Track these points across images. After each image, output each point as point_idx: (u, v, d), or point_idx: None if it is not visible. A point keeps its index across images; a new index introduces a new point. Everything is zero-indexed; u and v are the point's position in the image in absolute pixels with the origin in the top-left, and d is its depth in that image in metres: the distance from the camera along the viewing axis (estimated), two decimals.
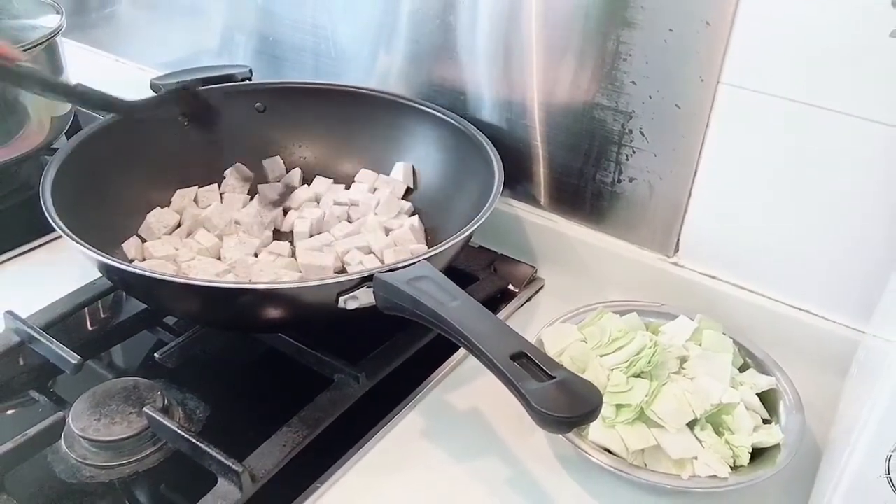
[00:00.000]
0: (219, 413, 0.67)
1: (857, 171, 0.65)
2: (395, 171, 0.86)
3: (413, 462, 0.64)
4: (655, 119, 0.73)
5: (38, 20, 0.92)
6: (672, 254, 0.78)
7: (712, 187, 0.73)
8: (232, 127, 0.85)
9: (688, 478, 0.57)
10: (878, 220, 0.65)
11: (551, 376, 0.46)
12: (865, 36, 0.60)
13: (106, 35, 1.18)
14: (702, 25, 0.67)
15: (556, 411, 0.44)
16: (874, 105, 0.62)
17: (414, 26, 0.84)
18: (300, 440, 0.61)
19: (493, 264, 0.84)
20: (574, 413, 0.45)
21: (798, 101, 0.65)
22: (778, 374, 0.66)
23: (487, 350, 0.48)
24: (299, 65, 0.97)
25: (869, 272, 0.67)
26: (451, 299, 0.53)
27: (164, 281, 0.59)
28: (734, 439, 0.59)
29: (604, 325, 0.67)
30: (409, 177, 0.85)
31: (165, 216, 0.80)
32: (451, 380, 0.72)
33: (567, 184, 0.81)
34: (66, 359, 0.66)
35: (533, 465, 0.64)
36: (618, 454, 0.59)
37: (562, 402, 0.45)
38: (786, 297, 0.73)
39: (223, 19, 1.03)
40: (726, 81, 0.68)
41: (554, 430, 0.55)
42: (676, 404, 0.59)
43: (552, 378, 0.46)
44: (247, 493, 0.57)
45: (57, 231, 0.85)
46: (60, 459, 0.62)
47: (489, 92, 0.82)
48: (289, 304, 0.62)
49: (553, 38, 0.75)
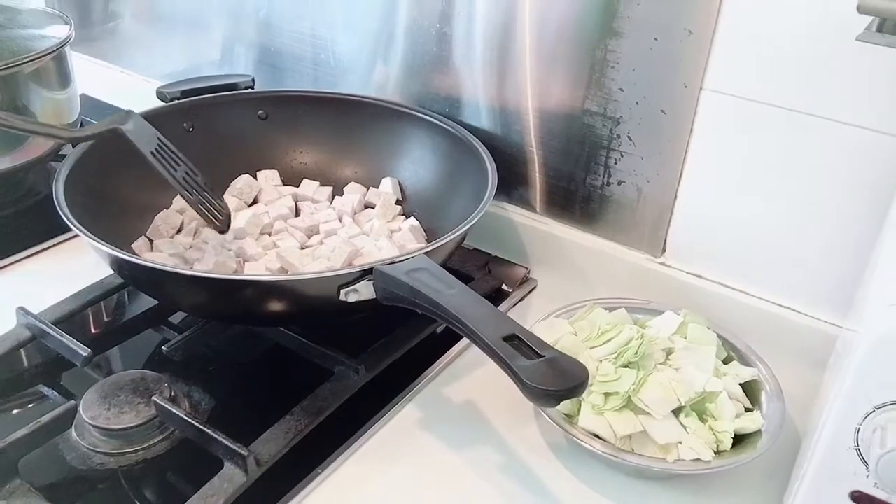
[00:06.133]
0: (223, 405, 0.69)
1: (833, 174, 0.68)
2: (384, 185, 0.89)
3: (410, 450, 0.66)
4: (642, 124, 0.76)
5: (48, 30, 0.95)
6: (660, 254, 0.81)
7: (697, 189, 0.77)
8: (234, 133, 0.89)
9: (673, 461, 0.60)
10: (853, 220, 0.69)
11: (541, 355, 0.49)
12: (838, 42, 0.63)
13: (111, 48, 1.21)
14: (685, 34, 0.70)
15: (545, 385, 0.47)
16: (849, 109, 0.65)
17: (411, 37, 0.88)
18: (302, 427, 0.63)
19: (488, 265, 0.87)
20: (561, 387, 0.48)
21: (777, 105, 0.69)
22: (760, 366, 0.68)
23: (482, 333, 0.51)
24: (299, 75, 1.00)
25: (846, 270, 0.70)
26: (447, 288, 0.56)
27: (172, 273, 0.62)
28: (717, 425, 0.62)
29: (594, 320, 0.70)
30: (397, 189, 0.89)
31: (171, 217, 0.83)
32: (446, 374, 0.74)
33: (559, 188, 0.85)
34: (76, 351, 0.69)
35: (525, 453, 0.66)
36: (606, 440, 0.62)
37: (550, 378, 0.48)
38: (768, 295, 0.76)
39: (225, 31, 1.06)
40: (709, 87, 0.71)
41: (543, 404, 0.59)
42: (662, 392, 0.62)
43: (542, 357, 0.49)
44: (252, 477, 0.59)
45: (63, 235, 0.90)
46: (71, 447, 0.64)
47: (485, 99, 0.85)
48: (292, 297, 0.65)
49: (546, 48, 0.79)
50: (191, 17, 1.09)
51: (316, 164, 0.92)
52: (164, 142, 0.76)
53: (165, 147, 0.76)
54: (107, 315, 0.82)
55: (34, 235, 0.89)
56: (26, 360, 0.74)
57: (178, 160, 0.76)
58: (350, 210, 0.85)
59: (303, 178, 0.91)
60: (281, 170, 0.91)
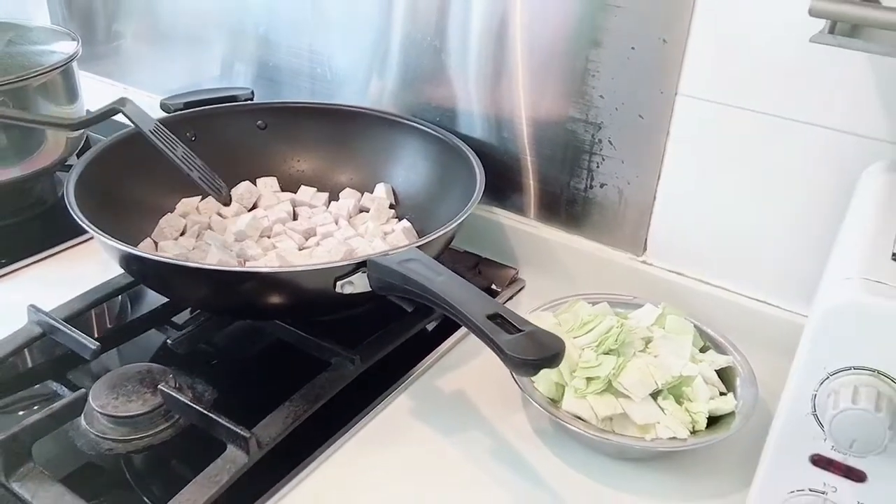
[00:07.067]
0: (225, 396, 0.73)
1: (799, 173, 0.72)
2: (378, 190, 0.93)
3: (403, 437, 0.70)
4: (622, 129, 0.81)
5: (55, 46, 0.99)
6: (641, 253, 0.85)
7: (675, 191, 0.81)
8: (235, 142, 0.93)
9: (651, 440, 0.64)
10: (818, 216, 0.73)
11: (521, 330, 0.53)
12: (800, 47, 0.68)
13: (115, 66, 1.26)
14: (659, 43, 0.75)
15: (525, 355, 0.51)
16: (812, 110, 0.70)
17: (405, 51, 0.92)
18: (301, 413, 0.67)
19: (478, 266, 0.91)
20: (539, 356, 0.52)
21: (746, 108, 0.73)
22: (735, 354, 0.72)
23: (468, 312, 0.55)
24: (296, 89, 1.05)
25: (813, 265, 0.74)
26: (436, 275, 0.60)
27: (179, 266, 0.66)
28: (693, 406, 0.66)
29: (577, 312, 0.74)
30: (390, 193, 0.93)
31: (175, 221, 0.87)
32: (438, 367, 0.78)
33: (547, 192, 0.89)
34: (85, 345, 0.72)
35: (513, 439, 0.70)
36: (589, 421, 0.66)
37: (530, 349, 0.52)
38: (743, 289, 0.80)
39: (225, 48, 1.10)
40: (683, 93, 0.76)
41: (523, 373, 0.63)
42: (640, 376, 0.66)
43: (521, 331, 0.53)
44: (253, 458, 0.63)
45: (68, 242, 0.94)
46: (81, 434, 0.68)
47: (478, 109, 0.89)
48: (290, 289, 0.69)
49: (536, 59, 0.83)
50: (191, 34, 1.14)
51: (313, 171, 0.96)
52: (161, 126, 0.80)
53: (164, 130, 0.80)
54: (111, 317, 0.86)
55: (42, 242, 0.93)
56: (36, 357, 0.78)
57: (176, 142, 0.80)
58: (345, 214, 0.89)
59: (300, 184, 0.95)
60: (279, 177, 0.95)
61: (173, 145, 0.80)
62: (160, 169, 0.86)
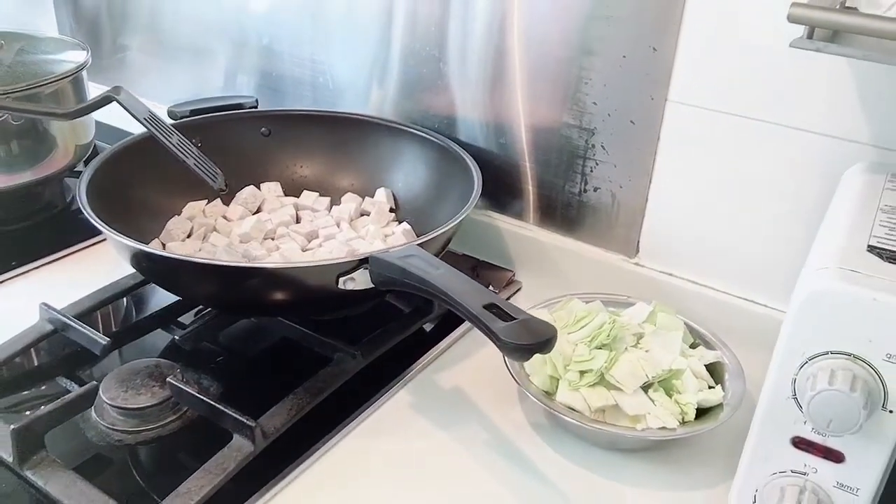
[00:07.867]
0: (231, 390, 0.75)
1: (784, 176, 0.75)
2: (378, 195, 0.96)
3: (402, 429, 0.72)
4: (614, 134, 0.83)
5: (66, 55, 1.03)
6: (633, 255, 0.88)
7: (665, 194, 0.83)
8: (240, 148, 0.96)
9: (641, 430, 0.66)
10: (804, 216, 0.75)
11: (515, 318, 0.56)
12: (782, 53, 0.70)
13: (121, 77, 1.28)
14: (650, 51, 0.78)
15: (519, 341, 0.54)
16: (794, 114, 0.73)
17: (406, 60, 0.95)
18: (304, 405, 0.69)
19: (476, 269, 0.94)
20: (532, 341, 0.54)
21: (734, 114, 0.76)
22: (724, 350, 0.75)
23: (465, 303, 0.57)
24: (299, 97, 1.08)
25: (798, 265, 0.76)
26: (435, 269, 0.62)
27: (188, 262, 0.69)
28: (682, 398, 0.68)
29: (571, 309, 0.77)
30: (390, 198, 0.96)
31: (182, 223, 0.89)
32: (437, 363, 0.80)
33: (544, 196, 0.92)
34: (96, 341, 0.75)
35: (509, 431, 0.72)
36: (582, 412, 0.68)
37: (523, 335, 0.54)
38: (732, 289, 0.83)
39: (228, 58, 1.14)
40: (673, 99, 0.79)
41: (517, 358, 0.66)
42: (631, 369, 0.68)
43: (516, 319, 0.56)
44: (258, 447, 0.65)
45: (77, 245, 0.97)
46: (91, 426, 0.70)
47: (478, 117, 0.92)
48: (294, 285, 0.71)
49: (534, 68, 0.86)
50: (195, 46, 1.17)
51: (315, 177, 0.99)
52: (155, 115, 0.83)
53: (158, 118, 0.83)
54: (119, 317, 0.88)
55: (52, 245, 0.96)
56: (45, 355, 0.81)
57: (171, 131, 0.82)
58: (347, 217, 0.92)
59: (303, 189, 0.98)
60: (283, 182, 0.98)
61: (168, 133, 0.82)
62: (167, 173, 0.89)
